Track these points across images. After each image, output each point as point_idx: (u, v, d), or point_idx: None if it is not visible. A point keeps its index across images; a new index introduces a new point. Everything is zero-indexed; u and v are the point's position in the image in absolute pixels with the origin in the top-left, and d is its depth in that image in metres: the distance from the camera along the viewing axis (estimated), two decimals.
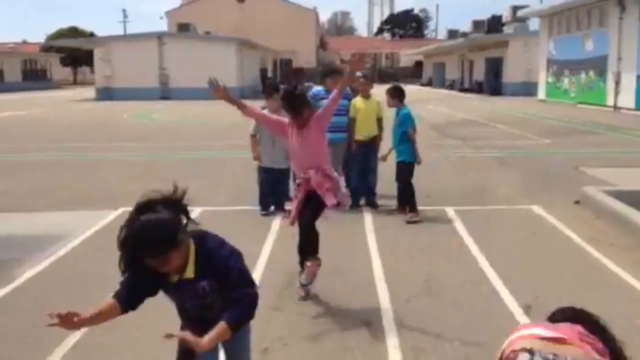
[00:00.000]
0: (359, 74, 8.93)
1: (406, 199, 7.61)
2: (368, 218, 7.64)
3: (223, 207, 8.38)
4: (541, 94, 34.17)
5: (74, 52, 68.41)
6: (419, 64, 74.40)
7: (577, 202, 8.13)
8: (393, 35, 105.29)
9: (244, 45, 43.74)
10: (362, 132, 8.06)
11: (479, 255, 6.10)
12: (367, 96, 8.14)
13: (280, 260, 5.97)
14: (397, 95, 7.66)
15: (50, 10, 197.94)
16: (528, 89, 37.78)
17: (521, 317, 4.59)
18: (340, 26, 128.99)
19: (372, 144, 8.16)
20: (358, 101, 8.10)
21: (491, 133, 17.68)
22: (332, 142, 7.23)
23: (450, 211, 7.91)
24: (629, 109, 24.44)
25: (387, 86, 8.20)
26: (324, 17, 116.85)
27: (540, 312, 4.56)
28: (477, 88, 44.63)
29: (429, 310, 4.78)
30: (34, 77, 64.04)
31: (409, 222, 7.36)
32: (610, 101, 26.26)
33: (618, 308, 4.79)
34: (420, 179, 8.32)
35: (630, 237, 6.50)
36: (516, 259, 6.04)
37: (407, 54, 76.81)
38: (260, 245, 6.46)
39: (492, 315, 4.68)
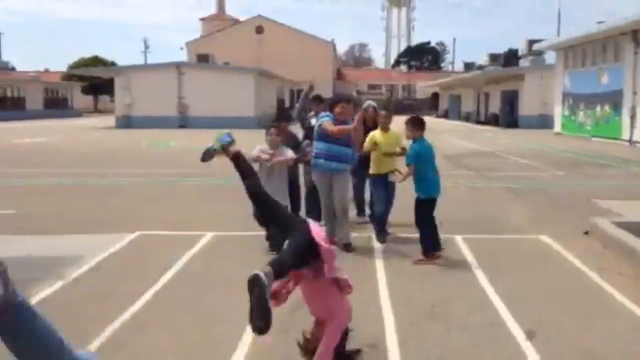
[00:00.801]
0: (372, 104, 9.14)
1: (421, 239, 7.08)
2: (377, 243, 7.77)
3: (235, 232, 8.53)
4: (557, 127, 34.21)
5: (95, 80, 69.70)
6: (435, 96, 74.85)
7: (586, 233, 8.18)
8: (410, 67, 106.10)
9: (261, 76, 44.35)
10: (381, 166, 7.89)
11: (485, 282, 6.18)
12: (386, 129, 8.00)
13: None
14: (414, 127, 7.08)
15: (72, 40, 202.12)
16: (544, 122, 37.87)
17: (524, 343, 4.66)
18: (358, 58, 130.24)
19: (390, 176, 7.99)
20: (377, 134, 7.95)
21: (505, 164, 17.77)
22: (337, 170, 7.47)
23: (459, 239, 8.00)
24: None
25: (403, 117, 8.36)
26: (342, 48, 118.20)
27: (544, 338, 4.66)
28: (493, 120, 44.76)
29: (433, 335, 4.87)
30: (55, 105, 65.18)
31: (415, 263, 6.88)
32: (625, 135, 26.25)
33: (621, 335, 4.86)
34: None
35: (637, 267, 6.54)
36: (522, 286, 6.11)
37: (424, 85, 77.29)
38: None
39: (495, 341, 4.75)
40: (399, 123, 8.35)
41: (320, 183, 7.63)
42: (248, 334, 4.76)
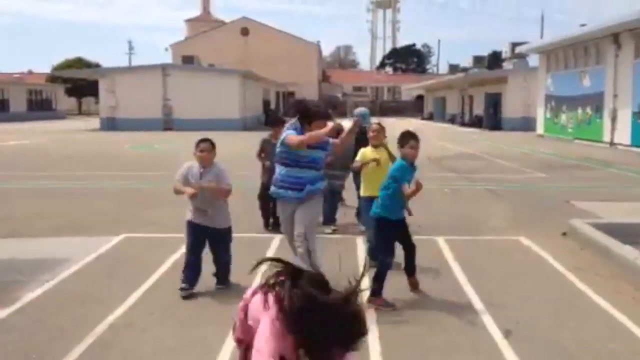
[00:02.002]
0: (368, 121, 8.21)
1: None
2: (360, 246, 7.87)
3: None
4: (539, 129, 34.58)
5: (79, 82, 69.33)
6: (420, 98, 75.22)
7: (564, 234, 8.37)
8: (395, 69, 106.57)
9: (247, 78, 44.40)
10: (372, 187, 6.67)
11: (464, 282, 6.33)
12: (377, 145, 7.13)
13: None
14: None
15: (56, 41, 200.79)
16: (527, 124, 38.25)
17: (501, 342, 4.80)
18: (343, 60, 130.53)
19: None
20: (367, 151, 7.14)
21: (487, 166, 17.97)
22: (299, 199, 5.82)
23: (440, 240, 8.15)
24: (624, 145, 24.77)
25: (389, 119, 8.47)
26: (327, 50, 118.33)
27: (520, 337, 4.80)
28: (477, 122, 45.13)
29: (414, 334, 4.99)
30: (39, 106, 64.73)
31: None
32: (606, 137, 26.61)
33: (595, 333, 5.01)
34: (413, 209, 8.56)
35: (613, 268, 6.72)
36: (500, 286, 6.26)
37: (409, 88, 77.67)
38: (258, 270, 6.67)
39: (474, 339, 4.88)
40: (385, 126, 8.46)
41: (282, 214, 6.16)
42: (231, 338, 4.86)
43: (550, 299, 5.90)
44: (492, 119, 42.94)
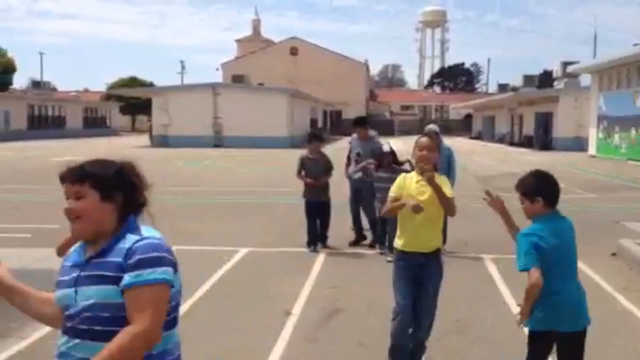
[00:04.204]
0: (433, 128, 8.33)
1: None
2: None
3: (268, 248, 8.83)
4: (591, 149, 33.92)
5: (132, 100, 71.29)
6: (468, 117, 74.64)
7: (613, 254, 8.27)
8: (443, 88, 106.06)
9: (295, 96, 44.95)
10: (411, 239, 4.43)
11: (510, 299, 6.34)
12: (426, 172, 4.34)
13: (319, 298, 6.35)
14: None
15: (111, 61, 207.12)
16: (579, 144, 37.54)
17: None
18: (391, 79, 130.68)
19: (433, 259, 4.49)
20: (407, 183, 4.45)
21: None
22: None
23: (486, 258, 8.16)
24: None
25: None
26: (375, 69, 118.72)
27: None
28: (527, 142, 44.50)
29: (458, 348, 5.06)
30: (94, 124, 66.83)
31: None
32: None
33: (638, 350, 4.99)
34: (459, 227, 8.64)
35: None
36: None
37: (457, 107, 77.18)
38: (302, 283, 6.85)
39: (517, 355, 4.91)
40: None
41: None
42: (278, 346, 5.02)
43: (597, 317, 5.82)
44: (542, 138, 42.29)
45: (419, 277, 4.48)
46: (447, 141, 9.26)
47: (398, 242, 4.53)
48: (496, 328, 5.49)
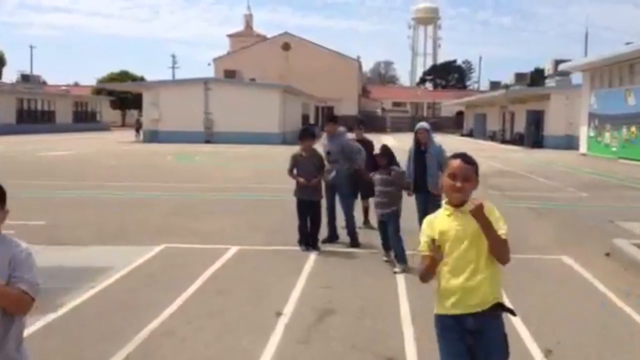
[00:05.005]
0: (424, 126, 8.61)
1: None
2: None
3: (259, 247, 8.70)
4: (582, 147, 33.96)
5: (123, 95, 70.87)
6: (460, 114, 74.69)
7: (607, 254, 8.20)
8: (435, 85, 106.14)
9: (287, 92, 44.78)
10: (460, 296, 3.17)
11: (505, 300, 6.24)
12: (461, 203, 3.14)
13: (312, 298, 6.24)
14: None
15: (102, 55, 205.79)
16: (569, 142, 37.61)
17: None
18: (383, 75, 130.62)
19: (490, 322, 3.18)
20: (441, 218, 3.22)
21: (528, 184, 17.73)
22: None
23: None
24: None
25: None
26: (367, 66, 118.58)
27: (561, 356, 4.72)
28: (519, 140, 44.55)
29: None
30: (84, 118, 66.39)
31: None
32: None
33: (637, 355, 4.90)
34: None
35: None
36: (541, 305, 6.17)
37: (449, 104, 77.24)
38: (294, 283, 6.73)
39: (513, 357, 4.81)
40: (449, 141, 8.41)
41: None
42: (269, 348, 4.91)
43: (592, 319, 5.79)
44: (533, 136, 42.34)
45: (474, 352, 3.14)
46: (438, 138, 9.12)
47: (436, 304, 3.31)
48: None
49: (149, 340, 5.04)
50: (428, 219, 3.28)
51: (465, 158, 3.20)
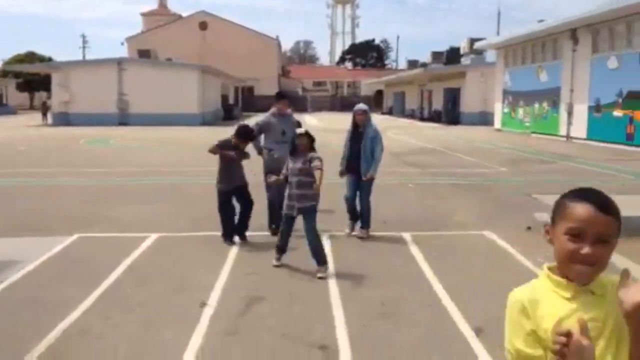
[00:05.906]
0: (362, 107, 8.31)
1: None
2: (326, 244, 7.67)
3: (181, 233, 8.33)
4: (497, 123, 34.99)
5: (30, 77, 67.45)
6: (379, 93, 75.47)
7: (529, 228, 8.35)
8: (354, 64, 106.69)
9: (205, 72, 43.77)
10: None
11: (433, 279, 6.21)
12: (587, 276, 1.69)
13: (238, 286, 5.98)
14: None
15: (6, 36, 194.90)
16: (485, 119, 38.69)
17: (472, 339, 4.69)
18: (303, 55, 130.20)
19: None
20: (551, 302, 1.71)
21: (448, 161, 18.01)
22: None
23: (407, 236, 8.03)
24: (580, 139, 25.18)
25: (350, 114, 8.32)
26: (287, 45, 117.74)
27: (491, 334, 4.69)
28: (436, 117, 45.47)
29: (384, 333, 4.84)
30: None
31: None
32: (562, 131, 27.03)
33: None
34: (377, 205, 8.46)
35: None
36: (468, 282, 6.16)
37: (368, 82, 77.87)
38: (218, 271, 6.45)
39: (444, 337, 4.76)
40: (347, 118, 8.28)
41: None
42: (195, 341, 4.64)
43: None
44: (450, 113, 43.30)
45: None
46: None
47: None
48: (422, 310, 5.33)
49: (62, 340, 4.66)
50: (519, 301, 1.81)
51: (601, 203, 1.70)
